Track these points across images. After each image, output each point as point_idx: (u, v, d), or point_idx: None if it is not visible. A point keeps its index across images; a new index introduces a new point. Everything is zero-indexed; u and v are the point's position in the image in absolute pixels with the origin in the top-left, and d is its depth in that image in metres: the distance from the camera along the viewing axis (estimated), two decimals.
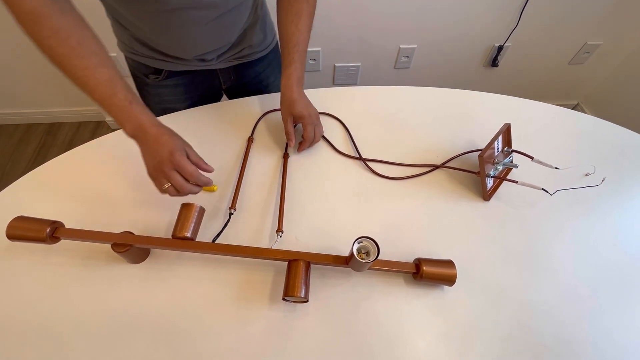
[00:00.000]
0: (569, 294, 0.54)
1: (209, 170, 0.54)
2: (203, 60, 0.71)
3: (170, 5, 0.56)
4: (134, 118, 0.49)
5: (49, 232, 0.48)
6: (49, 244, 0.49)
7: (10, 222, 0.48)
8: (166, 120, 0.72)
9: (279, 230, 0.56)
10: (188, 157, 0.51)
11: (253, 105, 0.78)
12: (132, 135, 0.51)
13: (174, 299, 0.51)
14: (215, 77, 0.79)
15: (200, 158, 0.54)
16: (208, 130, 0.72)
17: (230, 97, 0.86)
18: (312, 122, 0.65)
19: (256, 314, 0.50)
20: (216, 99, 0.87)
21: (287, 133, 0.65)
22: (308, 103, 0.65)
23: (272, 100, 0.78)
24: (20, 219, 0.49)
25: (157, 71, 0.74)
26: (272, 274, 0.54)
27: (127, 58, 0.75)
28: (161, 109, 0.77)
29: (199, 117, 0.75)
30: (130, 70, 0.78)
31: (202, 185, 0.53)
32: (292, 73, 0.63)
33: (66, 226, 0.51)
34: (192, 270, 0.53)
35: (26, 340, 0.48)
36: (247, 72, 0.81)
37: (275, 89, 0.86)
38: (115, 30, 0.70)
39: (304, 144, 0.67)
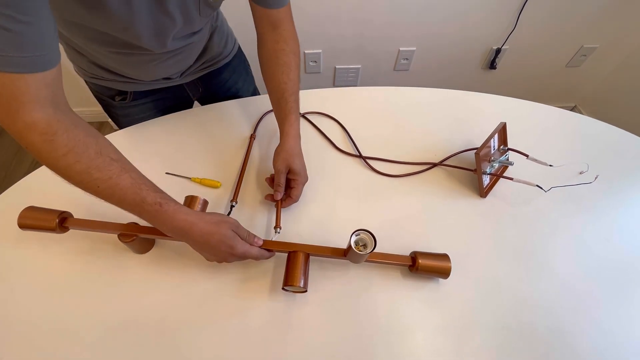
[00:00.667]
0: (562, 287, 0.56)
1: (260, 244, 0.51)
2: (168, 78, 0.71)
3: (141, 52, 0.57)
4: (169, 222, 0.45)
5: (58, 221, 0.50)
6: (58, 233, 0.51)
7: (21, 212, 0.50)
8: (169, 121, 0.75)
9: (277, 226, 0.56)
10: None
11: (254, 104, 0.79)
12: (173, 236, 0.48)
13: (178, 289, 0.53)
14: (183, 91, 0.78)
15: (249, 233, 0.51)
16: (212, 129, 0.74)
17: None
18: (303, 183, 0.60)
19: (257, 304, 0.52)
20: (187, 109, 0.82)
21: (277, 184, 0.58)
22: (304, 160, 0.61)
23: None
24: (31, 208, 0.51)
25: (122, 92, 0.72)
26: (272, 266, 0.55)
27: (87, 82, 0.71)
28: (131, 125, 0.74)
29: (203, 116, 0.77)
30: (94, 94, 0.75)
31: (267, 258, 0.53)
32: (294, 122, 0.60)
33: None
34: (195, 260, 0.54)
35: (34, 328, 0.49)
36: (214, 82, 0.81)
37: (246, 93, 0.88)
38: (70, 56, 0.65)
39: (289, 201, 0.60)
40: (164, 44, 0.57)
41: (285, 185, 0.59)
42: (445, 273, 0.53)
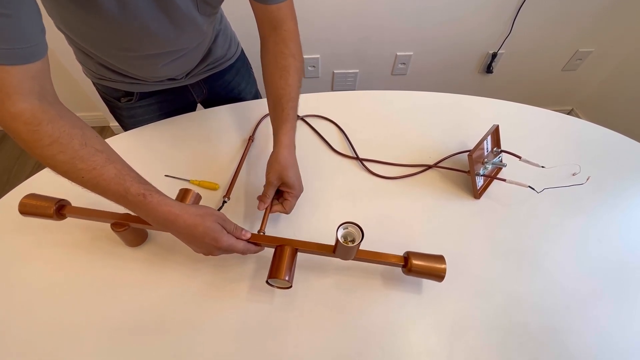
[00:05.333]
0: (555, 287, 0.56)
1: (248, 237, 0.51)
2: (173, 79, 0.72)
3: (146, 53, 0.59)
4: (153, 213, 0.45)
5: (56, 208, 0.52)
6: (56, 220, 0.53)
7: (21, 199, 0.52)
8: (170, 124, 0.76)
9: (261, 230, 0.55)
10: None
11: (254, 108, 0.81)
12: (159, 228, 0.48)
13: (171, 282, 0.55)
14: (187, 92, 0.79)
15: (236, 226, 0.50)
16: (212, 132, 0.76)
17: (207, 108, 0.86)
18: (297, 196, 0.57)
19: (245, 305, 0.53)
20: (191, 111, 0.83)
21: (264, 195, 0.56)
22: (299, 171, 0.58)
23: None
24: (30, 196, 0.53)
25: (128, 93, 0.73)
26: (253, 265, 0.57)
27: (95, 84, 0.73)
28: (136, 127, 0.76)
29: (203, 119, 0.78)
30: (101, 95, 0.76)
31: (254, 253, 0.52)
32: (289, 131, 0.57)
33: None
34: (184, 252, 0.55)
35: (32, 323, 0.50)
36: (218, 84, 0.82)
37: (248, 94, 0.89)
38: (79, 58, 0.67)
39: (280, 210, 0.57)
40: (170, 44, 0.58)
41: (279, 195, 0.58)
42: (439, 276, 0.50)
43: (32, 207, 0.52)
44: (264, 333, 0.51)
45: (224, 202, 0.61)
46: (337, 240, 0.46)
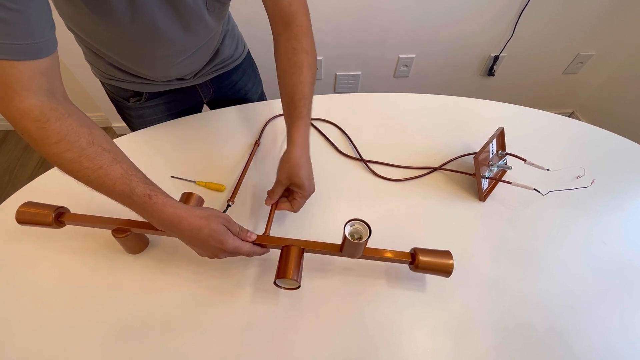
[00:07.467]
0: (560, 288, 0.57)
1: (253, 239, 0.50)
2: (182, 79, 0.73)
3: (156, 53, 0.59)
4: (157, 215, 0.44)
5: (54, 216, 0.51)
6: (55, 228, 0.52)
7: (19, 207, 0.51)
8: (176, 125, 0.76)
9: (265, 234, 0.54)
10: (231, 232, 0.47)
11: (261, 110, 0.81)
12: (162, 229, 0.47)
13: (174, 287, 0.54)
14: (195, 92, 0.80)
15: (241, 228, 0.49)
16: (219, 134, 0.76)
17: (212, 109, 0.87)
18: (307, 197, 0.56)
19: (251, 307, 0.53)
20: (198, 112, 0.85)
21: (272, 192, 0.55)
22: (311, 172, 0.56)
23: (278, 105, 0.81)
24: (28, 204, 0.52)
25: (137, 93, 0.74)
26: (258, 268, 0.57)
27: (104, 84, 0.74)
28: (144, 127, 0.77)
29: (210, 120, 0.78)
30: (109, 95, 0.76)
31: (260, 255, 0.51)
32: (302, 129, 0.55)
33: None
34: (187, 257, 0.56)
35: (34, 328, 0.50)
36: (225, 84, 0.82)
37: (254, 95, 0.90)
38: (88, 58, 0.67)
39: (287, 208, 0.57)
40: (178, 44, 0.58)
41: (289, 192, 0.57)
42: (446, 271, 0.50)
43: (30, 215, 0.51)
44: (269, 335, 0.51)
45: (228, 205, 0.61)
46: (344, 237, 0.46)
